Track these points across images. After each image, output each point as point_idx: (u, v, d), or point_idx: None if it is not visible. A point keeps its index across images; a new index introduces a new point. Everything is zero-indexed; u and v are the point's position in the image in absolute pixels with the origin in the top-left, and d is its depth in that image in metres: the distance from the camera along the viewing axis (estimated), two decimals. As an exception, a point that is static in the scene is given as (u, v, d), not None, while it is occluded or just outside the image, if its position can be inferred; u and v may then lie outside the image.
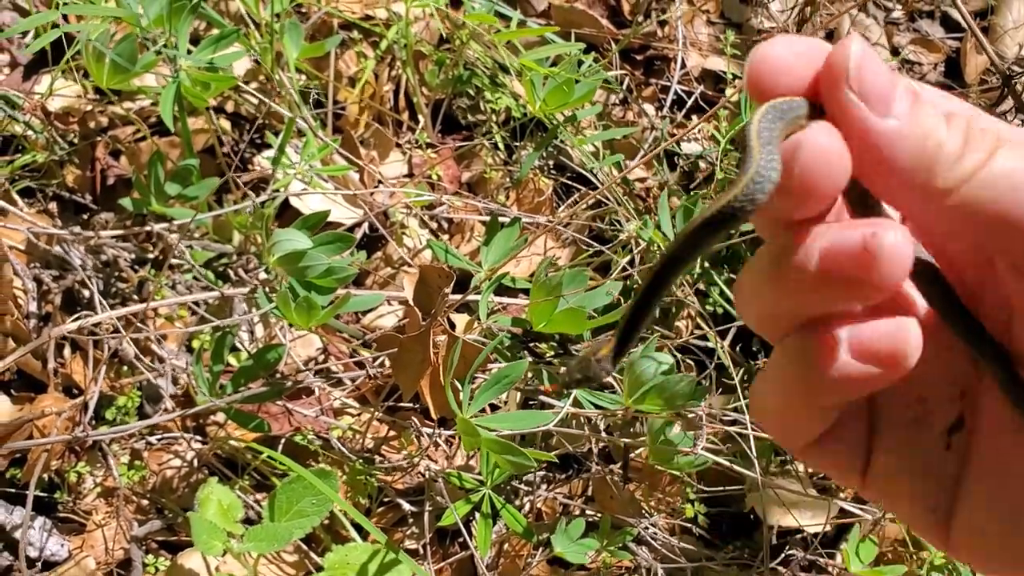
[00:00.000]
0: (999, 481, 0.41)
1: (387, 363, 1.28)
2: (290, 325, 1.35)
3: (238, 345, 1.34)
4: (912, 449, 0.42)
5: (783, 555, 1.23)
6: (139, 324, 1.19)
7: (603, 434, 1.23)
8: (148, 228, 1.25)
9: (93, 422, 1.24)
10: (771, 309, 0.41)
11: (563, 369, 0.49)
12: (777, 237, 0.40)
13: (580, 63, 1.41)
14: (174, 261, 1.34)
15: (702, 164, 1.59)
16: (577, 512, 1.28)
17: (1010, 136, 0.38)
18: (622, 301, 1.24)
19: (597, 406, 1.17)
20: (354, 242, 1.15)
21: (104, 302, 1.21)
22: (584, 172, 1.55)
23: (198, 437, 1.32)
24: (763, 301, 0.41)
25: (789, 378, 0.41)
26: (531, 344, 1.26)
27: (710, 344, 1.34)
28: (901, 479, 0.43)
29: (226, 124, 1.55)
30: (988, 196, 0.37)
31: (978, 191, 0.37)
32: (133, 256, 1.34)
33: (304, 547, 1.23)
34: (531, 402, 1.28)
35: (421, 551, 1.23)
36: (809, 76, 0.39)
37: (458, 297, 1.15)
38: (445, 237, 1.56)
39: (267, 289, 1.15)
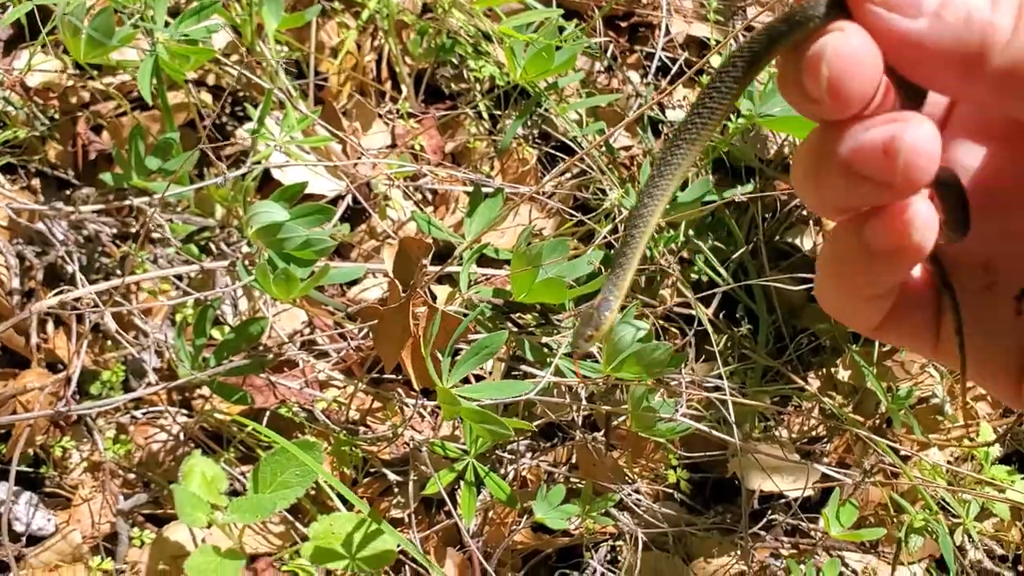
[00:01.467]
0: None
1: (371, 335, 1.28)
2: (274, 299, 1.35)
3: (221, 319, 1.34)
4: (982, 316, 0.43)
5: (765, 520, 1.24)
6: (119, 299, 1.19)
7: (585, 402, 1.24)
8: (129, 202, 1.25)
9: (77, 397, 1.25)
10: (817, 198, 0.41)
11: (574, 331, 0.49)
12: (821, 126, 0.40)
13: (561, 29, 1.40)
14: (156, 235, 1.34)
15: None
16: (561, 479, 1.29)
17: None
18: (603, 270, 1.24)
19: (579, 375, 1.17)
20: (333, 213, 1.15)
21: (84, 277, 1.21)
22: (568, 142, 1.54)
23: (184, 411, 1.33)
24: (809, 189, 0.41)
25: (839, 256, 0.42)
26: (513, 315, 1.26)
27: (694, 312, 1.34)
28: (973, 347, 0.43)
29: (207, 97, 1.54)
30: None
31: None
32: (115, 231, 1.34)
33: (290, 518, 1.24)
34: (515, 372, 1.29)
35: (406, 520, 1.24)
36: None
37: (437, 269, 1.15)
38: (429, 209, 1.56)
39: (247, 262, 1.15)
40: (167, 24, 1.23)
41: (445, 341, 1.04)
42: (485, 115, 1.59)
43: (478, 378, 1.33)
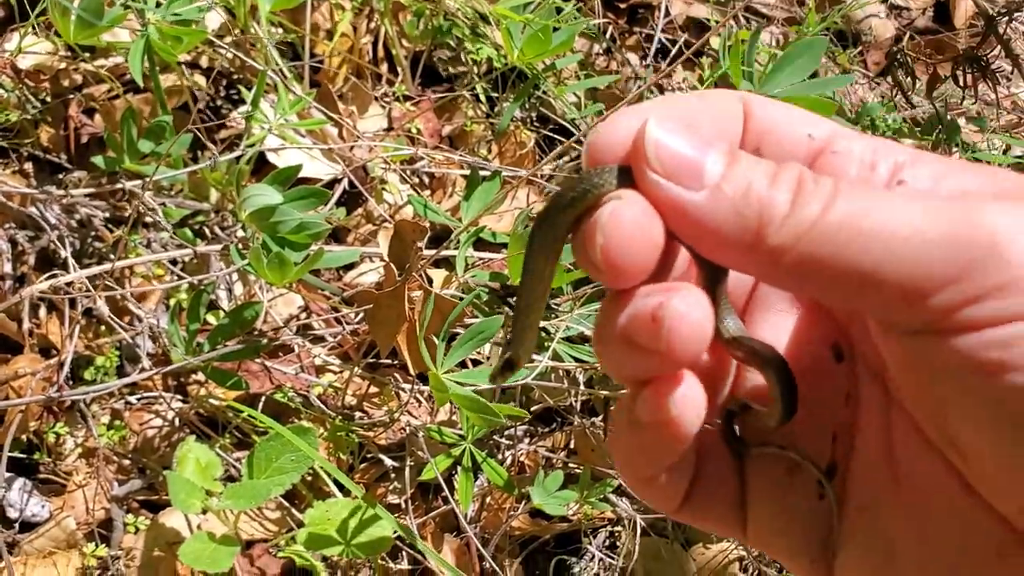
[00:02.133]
0: (872, 524, 0.40)
1: (366, 320, 1.27)
2: (269, 284, 1.34)
3: (216, 304, 1.33)
4: (786, 501, 0.41)
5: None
6: (109, 283, 1.17)
7: (583, 387, 1.23)
8: (121, 186, 1.24)
9: (71, 382, 1.24)
10: (604, 362, 0.40)
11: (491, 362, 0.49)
12: (609, 293, 0.39)
13: (559, 10, 1.38)
14: (150, 219, 1.33)
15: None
16: (559, 465, 1.28)
17: (847, 185, 0.35)
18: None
19: (576, 359, 1.16)
20: (328, 197, 1.14)
21: (76, 261, 1.20)
22: (567, 124, 1.53)
23: (179, 396, 1.32)
24: (599, 352, 0.40)
25: (617, 429, 0.41)
26: (510, 299, 1.25)
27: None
28: (778, 533, 0.42)
29: (201, 80, 1.53)
30: (828, 251, 0.34)
31: (816, 247, 0.34)
32: (107, 215, 1.32)
33: (286, 504, 1.23)
34: (512, 357, 1.27)
35: (403, 506, 1.23)
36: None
37: (432, 252, 1.14)
38: (426, 192, 1.54)
39: (241, 246, 1.14)
40: (159, 5, 1.21)
41: (440, 325, 1.03)
42: (482, 98, 1.58)
43: (475, 363, 1.32)
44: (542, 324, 1.21)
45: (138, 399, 1.30)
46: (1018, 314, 0.33)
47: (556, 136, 1.56)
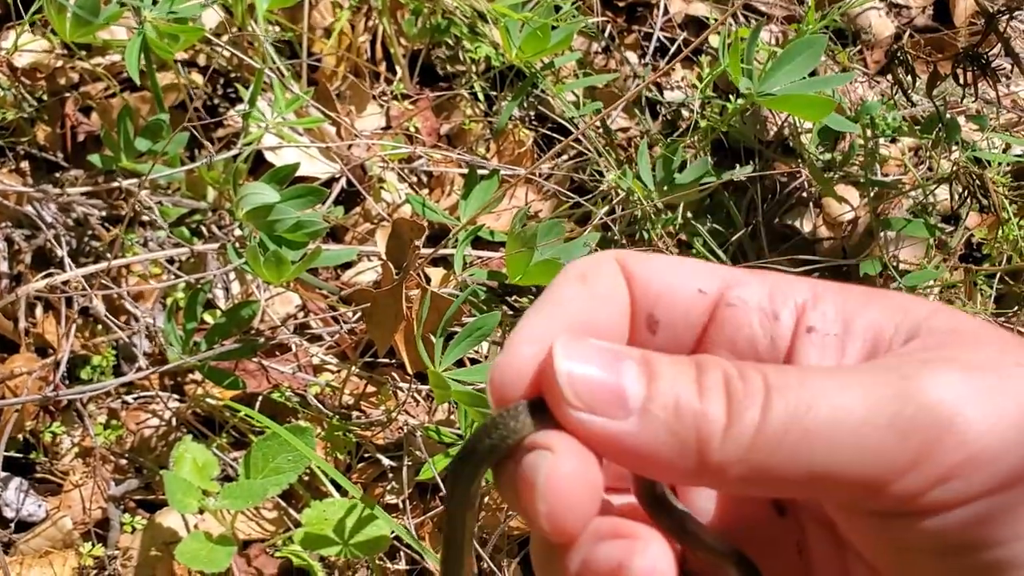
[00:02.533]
0: None
1: (363, 319, 1.27)
2: (266, 283, 1.33)
3: (213, 303, 1.32)
4: None
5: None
6: (105, 282, 1.17)
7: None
8: (117, 184, 1.23)
9: (67, 381, 1.23)
10: None
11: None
12: None
13: (557, 8, 1.38)
14: (147, 218, 1.32)
15: (684, 113, 1.56)
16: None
17: (776, 378, 0.33)
18: (598, 251, 1.22)
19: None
20: (326, 195, 1.13)
21: (73, 260, 1.19)
22: (565, 123, 1.52)
23: (176, 396, 1.31)
24: None
25: None
26: (509, 297, 1.24)
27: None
28: None
29: (198, 78, 1.52)
30: (777, 459, 0.32)
31: (765, 456, 0.32)
32: (104, 213, 1.32)
33: (283, 504, 1.22)
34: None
35: (401, 506, 1.22)
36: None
37: (430, 251, 1.13)
38: (424, 191, 1.54)
39: (238, 245, 1.13)
40: (155, 2, 1.21)
41: (437, 323, 1.03)
42: (481, 96, 1.57)
43: (474, 361, 1.32)
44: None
45: (135, 398, 1.29)
46: (986, 489, 0.32)
47: (554, 135, 1.56)
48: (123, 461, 1.26)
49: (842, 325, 0.36)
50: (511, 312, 1.19)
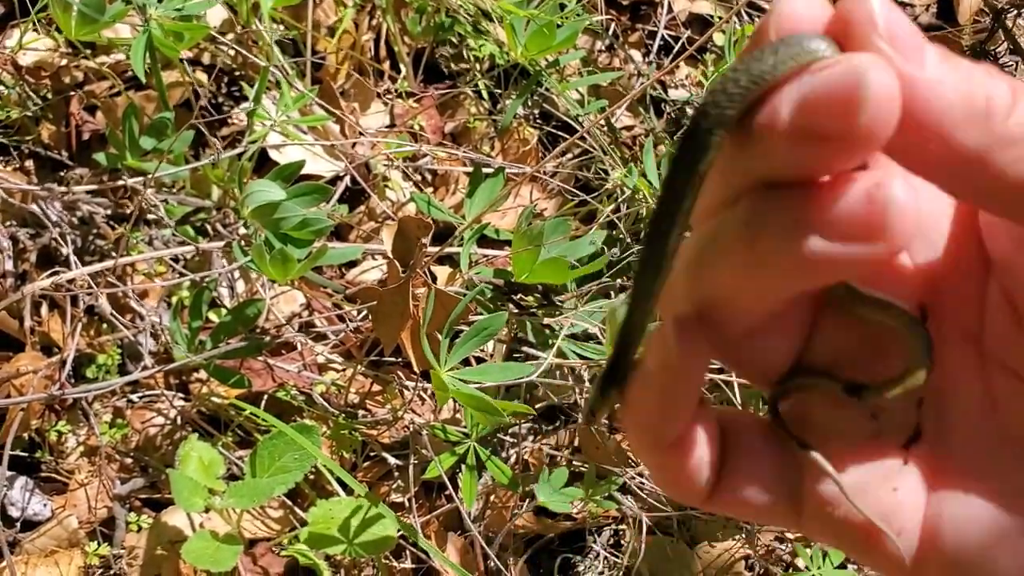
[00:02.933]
0: (976, 512, 0.36)
1: (370, 317, 1.27)
2: (271, 281, 1.33)
3: (219, 301, 1.32)
4: (871, 466, 0.37)
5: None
6: (111, 280, 1.17)
7: (588, 384, 1.22)
8: (122, 182, 1.23)
9: (72, 380, 1.23)
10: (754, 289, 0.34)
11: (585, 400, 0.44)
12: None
13: (562, 6, 1.37)
14: (152, 216, 1.32)
15: (689, 111, 1.56)
16: (563, 463, 1.28)
17: None
18: (606, 250, 1.22)
19: (581, 356, 1.15)
20: (330, 193, 1.13)
21: (76, 258, 1.19)
22: (570, 121, 1.52)
23: (181, 394, 1.31)
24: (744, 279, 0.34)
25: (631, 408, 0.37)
26: (515, 296, 1.24)
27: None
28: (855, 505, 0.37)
29: (203, 77, 1.52)
30: None
31: None
32: (109, 212, 1.32)
33: (289, 503, 1.22)
34: (516, 355, 1.27)
35: (407, 504, 1.22)
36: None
37: (436, 249, 1.13)
38: (429, 190, 1.53)
39: (243, 243, 1.13)
40: (160, 0, 1.21)
41: (443, 322, 1.02)
42: (485, 95, 1.57)
43: (479, 360, 1.32)
44: (547, 321, 1.21)
45: (140, 397, 1.29)
46: None
47: (559, 133, 1.56)
48: (128, 460, 1.26)
49: None
50: (517, 311, 1.19)
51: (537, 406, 1.32)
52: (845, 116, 0.29)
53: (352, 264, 1.47)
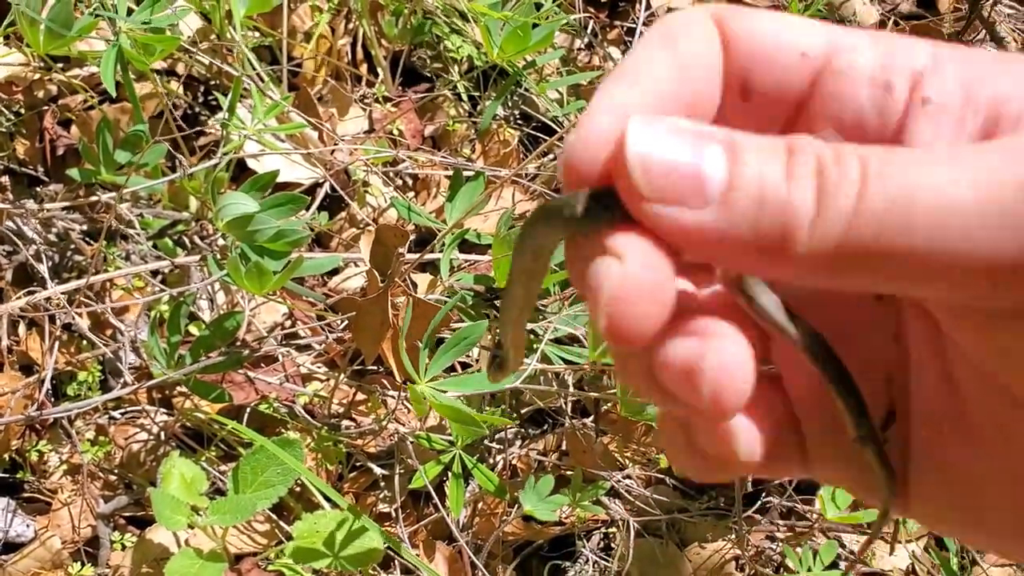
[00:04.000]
0: (943, 476, 0.37)
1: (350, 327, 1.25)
2: (249, 293, 1.32)
3: (198, 315, 1.31)
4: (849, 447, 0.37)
5: (760, 503, 1.21)
6: (85, 296, 1.15)
7: (571, 388, 1.21)
8: (96, 198, 1.21)
9: (53, 399, 1.22)
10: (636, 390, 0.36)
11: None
12: None
13: (538, 6, 1.36)
14: (129, 231, 1.31)
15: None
16: (551, 467, 1.26)
17: (877, 162, 0.30)
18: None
19: (566, 361, 1.14)
20: (307, 202, 1.12)
21: (56, 276, 1.18)
22: (549, 122, 1.51)
23: (164, 410, 1.30)
24: (625, 382, 0.36)
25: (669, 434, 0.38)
26: (497, 302, 1.23)
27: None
28: (842, 474, 0.38)
29: (179, 88, 1.50)
30: (874, 249, 0.29)
31: (856, 249, 0.29)
32: (85, 227, 1.30)
33: (274, 517, 1.21)
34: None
35: (394, 514, 1.21)
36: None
37: (416, 256, 1.12)
38: (410, 195, 1.52)
39: (219, 255, 1.12)
40: (130, 12, 1.19)
41: (423, 331, 1.01)
42: (464, 97, 1.56)
43: (465, 366, 1.30)
44: (530, 326, 1.19)
45: (122, 414, 1.28)
46: None
47: (539, 134, 1.54)
48: (112, 477, 1.25)
49: (963, 96, 0.32)
50: (498, 315, 1.18)
51: (523, 411, 1.31)
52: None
53: (334, 272, 1.46)
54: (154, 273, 1.29)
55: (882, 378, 0.37)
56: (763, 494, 1.23)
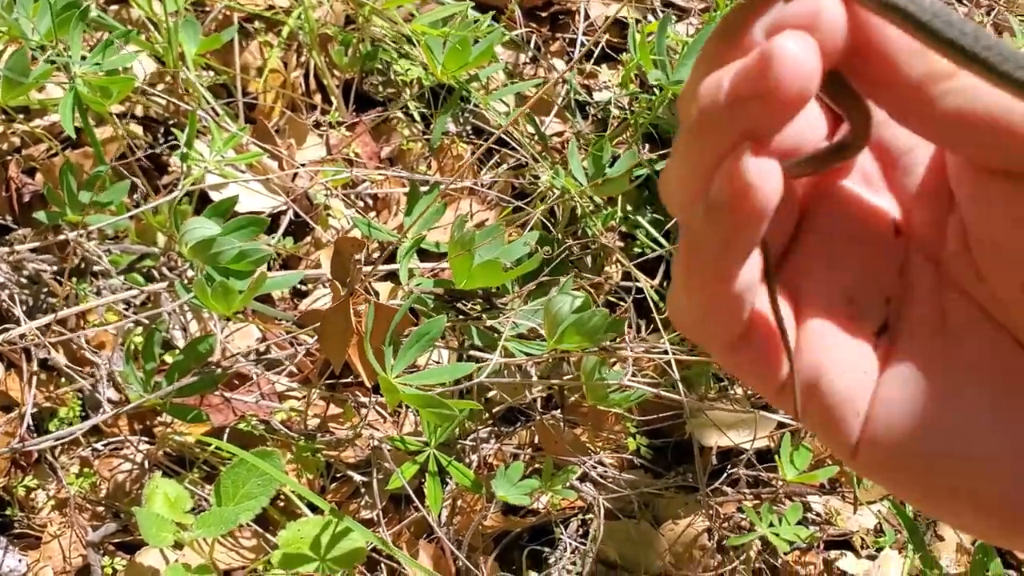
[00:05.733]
0: (913, 394, 0.38)
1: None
2: (221, 317, 1.36)
3: (172, 343, 1.35)
4: (848, 346, 0.40)
5: (726, 475, 1.26)
6: (62, 330, 1.19)
7: (536, 378, 1.25)
8: (63, 237, 1.26)
9: (35, 436, 1.25)
10: (689, 174, 0.37)
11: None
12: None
13: (476, 22, 1.42)
14: (98, 268, 1.35)
15: (615, 111, 1.61)
16: (525, 461, 1.31)
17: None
18: (539, 249, 1.25)
19: (527, 353, 1.19)
20: (266, 224, 1.17)
21: (23, 315, 1.21)
22: (502, 134, 1.56)
23: (145, 439, 1.33)
24: (681, 175, 0.37)
25: (689, 244, 0.38)
26: (457, 303, 1.28)
27: (640, 285, 1.36)
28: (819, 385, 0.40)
29: (138, 129, 1.55)
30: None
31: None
32: (55, 268, 1.34)
33: (260, 530, 1.24)
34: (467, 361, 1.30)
35: (376, 519, 1.25)
36: None
37: (371, 267, 1.17)
38: (371, 214, 1.57)
39: (186, 280, 1.16)
40: (84, 58, 1.24)
41: (385, 333, 1.06)
42: (417, 116, 1.61)
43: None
44: (490, 323, 1.24)
45: (105, 445, 1.31)
46: None
47: (493, 146, 1.60)
48: (100, 508, 1.28)
49: None
50: (461, 316, 1.23)
51: (494, 410, 1.35)
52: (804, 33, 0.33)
53: (304, 294, 1.51)
54: (127, 306, 1.33)
55: (882, 300, 0.40)
56: (729, 467, 1.28)
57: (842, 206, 0.41)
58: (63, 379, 1.31)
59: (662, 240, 1.44)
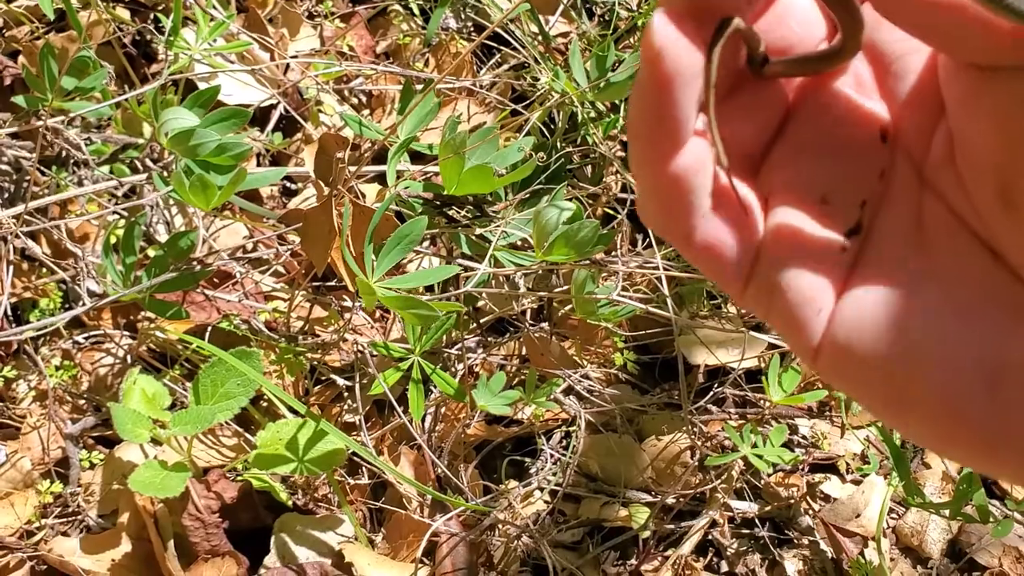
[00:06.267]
0: (879, 297, 0.38)
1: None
2: (207, 214, 1.32)
3: (155, 238, 1.32)
4: (817, 242, 0.39)
5: (712, 394, 1.24)
6: (35, 219, 1.16)
7: (524, 289, 1.22)
8: (42, 123, 1.21)
9: (15, 326, 1.23)
10: None
11: None
12: None
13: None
14: (82, 157, 1.31)
15: (623, 13, 1.54)
16: (512, 372, 1.29)
17: None
18: (534, 156, 1.21)
19: (517, 264, 1.15)
20: (249, 116, 1.12)
21: (1, 204, 1.18)
22: (503, 32, 1.50)
23: (128, 334, 1.31)
24: None
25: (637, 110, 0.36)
26: (446, 209, 1.24)
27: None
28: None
29: (124, 13, 1.49)
30: None
31: None
32: (36, 155, 1.30)
33: (240, 430, 1.23)
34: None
35: (358, 423, 1.24)
36: None
37: (355, 168, 1.12)
38: (365, 112, 1.52)
39: (165, 173, 1.12)
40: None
41: (373, 236, 1.02)
42: (416, 9, 1.54)
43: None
44: (480, 231, 1.21)
45: (87, 338, 1.29)
46: None
47: (494, 45, 1.53)
48: (81, 401, 1.27)
49: None
50: (447, 222, 1.19)
51: (483, 320, 1.33)
52: None
53: (293, 193, 1.47)
54: (112, 199, 1.30)
55: (858, 202, 0.39)
56: (716, 386, 1.26)
57: (830, 107, 0.40)
58: (44, 270, 1.29)
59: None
